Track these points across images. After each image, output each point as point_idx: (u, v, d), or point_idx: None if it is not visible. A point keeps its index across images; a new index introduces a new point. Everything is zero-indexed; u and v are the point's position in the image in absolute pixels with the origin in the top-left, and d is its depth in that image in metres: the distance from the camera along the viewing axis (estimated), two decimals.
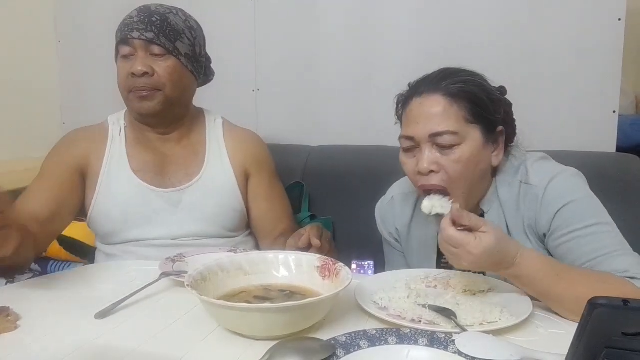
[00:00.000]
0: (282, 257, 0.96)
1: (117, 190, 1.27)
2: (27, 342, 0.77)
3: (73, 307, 0.88)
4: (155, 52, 1.23)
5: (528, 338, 0.78)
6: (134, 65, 1.22)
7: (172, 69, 1.25)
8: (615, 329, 0.51)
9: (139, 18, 1.24)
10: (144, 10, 1.26)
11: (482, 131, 0.99)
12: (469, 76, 1.02)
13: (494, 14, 1.73)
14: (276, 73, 2.04)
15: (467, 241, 0.82)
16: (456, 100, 0.98)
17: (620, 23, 1.59)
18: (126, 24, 1.25)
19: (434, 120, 0.97)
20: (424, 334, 0.74)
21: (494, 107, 1.01)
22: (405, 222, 1.19)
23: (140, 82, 1.22)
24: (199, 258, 1.10)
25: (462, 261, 0.83)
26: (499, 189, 1.05)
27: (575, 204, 0.96)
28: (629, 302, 0.49)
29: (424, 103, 0.99)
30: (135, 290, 0.93)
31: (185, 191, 1.29)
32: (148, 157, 1.30)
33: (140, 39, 1.22)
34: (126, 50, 1.24)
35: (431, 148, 0.98)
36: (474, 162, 0.98)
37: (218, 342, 0.78)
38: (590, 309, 0.50)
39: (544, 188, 0.99)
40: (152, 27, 1.23)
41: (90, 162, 1.29)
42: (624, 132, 1.73)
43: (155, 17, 1.24)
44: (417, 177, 1.01)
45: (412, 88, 1.05)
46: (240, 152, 1.36)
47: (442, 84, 0.99)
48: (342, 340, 0.72)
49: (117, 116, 1.37)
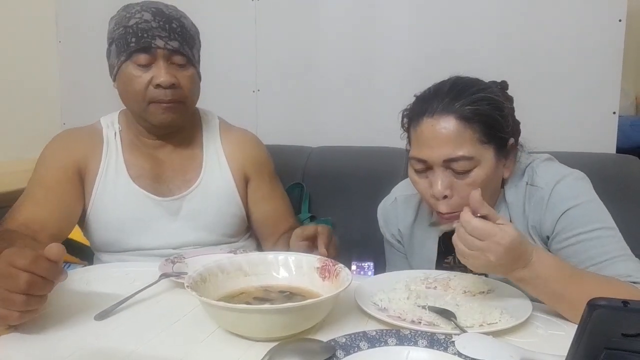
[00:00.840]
0: (282, 258, 0.96)
1: (115, 198, 1.23)
2: (27, 343, 0.77)
3: (73, 308, 0.88)
4: (177, 62, 1.18)
5: (528, 339, 0.78)
6: (159, 76, 1.15)
7: (192, 79, 1.22)
8: (614, 330, 0.51)
9: (157, 23, 1.16)
10: (159, 13, 1.18)
11: (495, 150, 0.97)
12: (481, 92, 0.98)
13: (494, 14, 1.73)
14: (276, 74, 2.05)
15: (494, 231, 0.78)
16: (470, 124, 0.94)
17: (620, 24, 1.59)
18: (142, 29, 1.15)
19: (448, 145, 0.94)
20: (423, 335, 0.74)
21: (505, 122, 0.99)
22: (407, 224, 1.19)
23: (166, 94, 1.17)
24: (198, 259, 1.10)
25: (490, 254, 0.78)
26: (506, 192, 1.05)
27: (581, 207, 0.96)
28: (629, 303, 0.49)
29: (436, 125, 0.95)
30: (135, 292, 0.93)
31: (184, 199, 1.26)
32: (145, 164, 1.26)
33: (166, 48, 1.15)
34: (145, 58, 1.16)
35: (444, 171, 0.96)
36: (487, 182, 0.97)
37: (218, 343, 0.78)
38: (589, 310, 0.50)
39: (550, 190, 0.98)
40: (175, 35, 1.17)
41: (87, 166, 1.24)
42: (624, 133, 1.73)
43: (174, 22, 1.18)
44: (432, 199, 0.99)
45: (421, 104, 1.00)
46: (238, 156, 1.33)
47: (455, 104, 0.95)
48: (342, 342, 0.72)
49: (111, 118, 1.32)
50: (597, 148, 1.62)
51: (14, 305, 0.74)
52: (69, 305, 0.88)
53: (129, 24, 1.16)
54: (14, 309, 0.74)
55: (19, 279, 0.73)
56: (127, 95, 1.21)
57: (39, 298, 0.76)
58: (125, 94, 1.21)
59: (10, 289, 0.73)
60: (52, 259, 0.75)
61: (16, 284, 0.73)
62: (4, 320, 0.77)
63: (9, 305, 0.74)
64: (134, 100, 1.20)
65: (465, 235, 0.80)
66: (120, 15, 1.21)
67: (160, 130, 1.25)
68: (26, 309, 0.75)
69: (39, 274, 0.74)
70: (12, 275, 0.73)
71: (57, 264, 0.76)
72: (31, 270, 0.74)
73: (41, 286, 0.75)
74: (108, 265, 1.22)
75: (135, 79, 1.17)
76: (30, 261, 0.74)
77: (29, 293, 0.74)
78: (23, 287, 0.73)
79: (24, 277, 0.73)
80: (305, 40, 1.99)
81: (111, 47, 1.21)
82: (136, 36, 1.16)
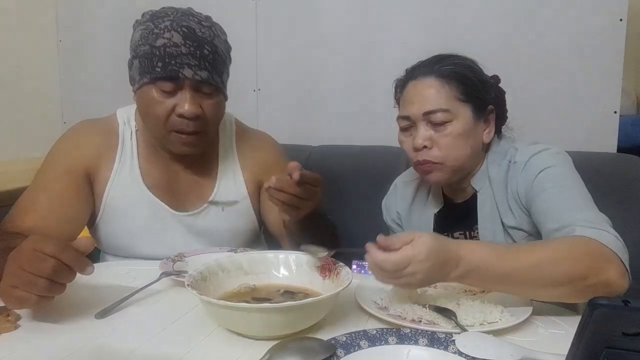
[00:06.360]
0: (283, 256, 0.96)
1: (128, 205, 1.18)
2: (27, 342, 0.77)
3: (73, 307, 0.88)
4: (204, 91, 1.10)
5: (528, 338, 0.78)
6: (183, 105, 1.07)
7: (218, 106, 1.14)
8: (615, 329, 0.51)
9: (187, 49, 1.06)
10: (191, 36, 1.07)
11: (472, 109, 1.06)
12: (460, 60, 1.10)
13: (494, 14, 1.73)
14: (277, 73, 2.05)
15: (410, 253, 0.76)
16: (448, 81, 1.05)
17: (621, 23, 1.59)
18: (170, 54, 1.05)
19: (427, 100, 1.05)
20: (424, 334, 0.74)
21: (483, 87, 1.08)
22: (405, 206, 1.25)
23: (189, 125, 1.10)
24: (199, 258, 1.10)
25: (418, 274, 0.76)
26: (490, 168, 1.10)
27: (553, 169, 1.01)
28: (630, 302, 0.49)
29: (418, 85, 1.08)
30: (135, 290, 0.93)
31: (198, 215, 1.22)
32: (162, 175, 1.21)
33: (195, 78, 1.07)
34: (170, 86, 1.07)
35: (425, 126, 1.06)
36: (464, 137, 1.05)
37: (218, 341, 0.78)
38: (590, 309, 0.50)
39: (526, 160, 1.04)
40: (205, 64, 1.08)
41: (98, 170, 1.18)
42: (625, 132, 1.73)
43: (206, 48, 1.08)
44: (414, 153, 1.08)
45: (408, 72, 1.13)
46: (252, 162, 1.28)
47: (435, 67, 1.08)
48: (342, 340, 0.72)
49: (127, 114, 1.24)
50: (598, 147, 1.61)
51: (35, 289, 0.76)
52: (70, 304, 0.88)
53: (156, 44, 1.06)
54: (34, 292, 0.77)
55: (45, 264, 0.75)
56: (147, 118, 1.14)
57: (60, 286, 0.78)
58: (144, 115, 1.15)
59: (36, 273, 0.75)
60: (80, 250, 0.79)
61: (42, 268, 0.75)
62: (22, 303, 0.79)
63: (31, 288, 0.76)
64: (153, 124, 1.13)
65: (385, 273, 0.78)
66: (148, 27, 1.09)
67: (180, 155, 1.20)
68: (46, 294, 0.77)
69: (65, 262, 0.76)
70: (39, 259, 0.75)
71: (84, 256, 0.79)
72: (58, 257, 0.76)
73: (65, 274, 0.77)
74: (109, 264, 1.22)
75: (157, 104, 1.09)
76: (59, 248, 0.76)
77: (53, 279, 0.76)
78: (48, 271, 0.75)
79: (51, 262, 0.75)
80: (305, 39, 1.99)
81: (134, 60, 1.12)
82: (163, 61, 1.06)
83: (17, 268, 0.77)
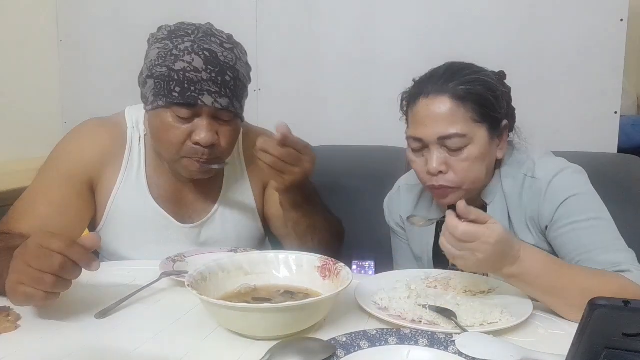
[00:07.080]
0: (283, 257, 0.96)
1: (133, 215, 1.16)
2: (27, 342, 0.77)
3: (73, 307, 0.88)
4: (222, 118, 1.06)
5: (528, 338, 0.78)
6: (199, 133, 1.04)
7: (235, 132, 1.11)
8: (615, 329, 0.51)
9: (208, 75, 1.01)
10: (212, 61, 1.02)
11: (488, 129, 1.01)
12: (474, 74, 1.02)
13: (496, 14, 1.73)
14: (277, 73, 2.05)
15: (482, 232, 0.79)
16: (463, 103, 0.99)
17: (622, 24, 1.59)
18: (190, 79, 1.00)
19: (442, 123, 0.98)
20: (424, 335, 0.74)
21: (498, 103, 1.02)
22: (409, 210, 1.22)
23: (204, 153, 1.06)
24: (199, 258, 1.10)
25: (479, 253, 0.79)
26: (503, 181, 1.07)
27: (578, 197, 0.98)
28: (630, 302, 0.49)
29: (430, 104, 1.00)
30: (135, 290, 0.93)
31: (203, 225, 1.21)
32: (169, 184, 1.18)
33: (214, 106, 1.03)
34: (187, 113, 1.03)
35: (439, 149, 1.00)
36: (481, 159, 1.01)
37: (218, 342, 0.78)
38: (590, 310, 0.50)
39: (549, 182, 1.01)
40: (226, 90, 1.03)
41: (102, 176, 1.15)
42: (626, 132, 1.73)
43: (228, 74, 1.03)
44: (427, 176, 1.03)
45: (418, 86, 1.04)
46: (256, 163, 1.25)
47: (449, 84, 0.99)
48: (343, 341, 0.72)
49: (137, 116, 1.19)
50: (599, 148, 1.61)
51: (43, 285, 0.77)
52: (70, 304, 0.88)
53: (174, 67, 1.01)
54: (41, 289, 0.77)
55: (52, 260, 0.76)
56: (159, 141, 1.10)
57: (66, 282, 0.79)
58: (156, 138, 1.11)
59: (43, 269, 0.76)
60: (86, 246, 0.79)
61: (49, 264, 0.76)
62: (29, 300, 0.79)
63: (38, 285, 0.77)
64: (165, 149, 1.09)
65: (452, 239, 0.82)
66: (166, 47, 1.04)
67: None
68: (53, 290, 0.78)
69: (72, 258, 0.77)
70: (46, 255, 0.76)
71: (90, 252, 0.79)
72: (65, 254, 0.76)
73: (72, 270, 0.78)
74: (109, 264, 1.21)
75: (172, 130, 1.05)
76: (65, 245, 0.77)
77: (60, 275, 0.77)
78: (55, 268, 0.76)
79: (58, 258, 0.76)
80: (306, 39, 1.99)
81: (148, 79, 1.07)
82: (181, 86, 1.01)
83: (24, 265, 0.77)
